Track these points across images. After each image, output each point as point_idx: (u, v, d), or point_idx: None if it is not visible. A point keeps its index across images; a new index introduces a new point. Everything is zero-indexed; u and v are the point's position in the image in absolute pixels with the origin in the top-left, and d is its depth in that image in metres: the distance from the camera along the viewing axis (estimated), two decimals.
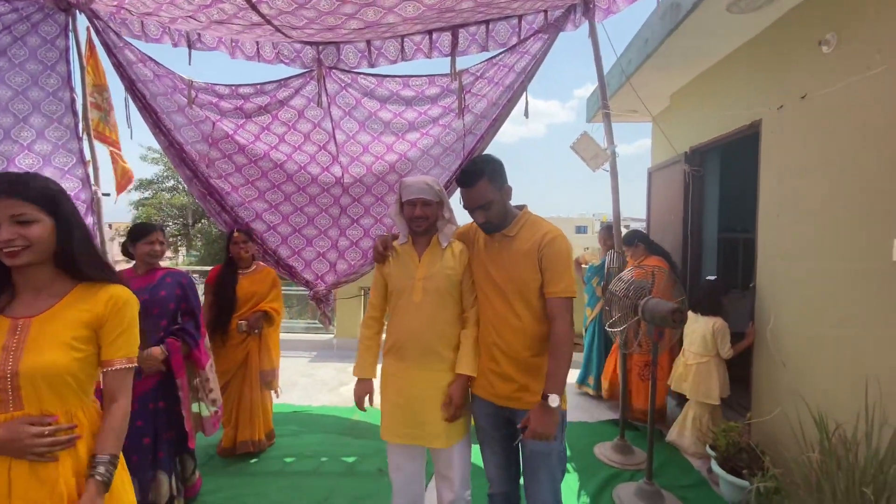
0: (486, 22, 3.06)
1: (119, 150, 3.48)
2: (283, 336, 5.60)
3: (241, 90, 3.10)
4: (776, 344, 2.56)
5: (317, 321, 5.92)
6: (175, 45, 3.08)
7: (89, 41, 3.23)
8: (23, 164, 3.00)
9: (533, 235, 1.59)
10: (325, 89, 3.12)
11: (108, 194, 3.71)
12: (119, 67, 3.17)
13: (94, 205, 3.35)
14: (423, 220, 1.71)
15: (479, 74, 3.13)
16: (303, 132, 3.20)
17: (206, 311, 2.67)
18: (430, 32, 3.08)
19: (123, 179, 3.46)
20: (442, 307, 1.70)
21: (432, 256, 1.74)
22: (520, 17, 3.07)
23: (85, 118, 3.31)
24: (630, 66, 3.73)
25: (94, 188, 3.36)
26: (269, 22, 2.51)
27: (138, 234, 2.17)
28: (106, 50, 3.17)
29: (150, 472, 2.07)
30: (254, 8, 2.29)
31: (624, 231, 3.98)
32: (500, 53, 3.09)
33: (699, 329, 2.81)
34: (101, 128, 3.46)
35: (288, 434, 3.16)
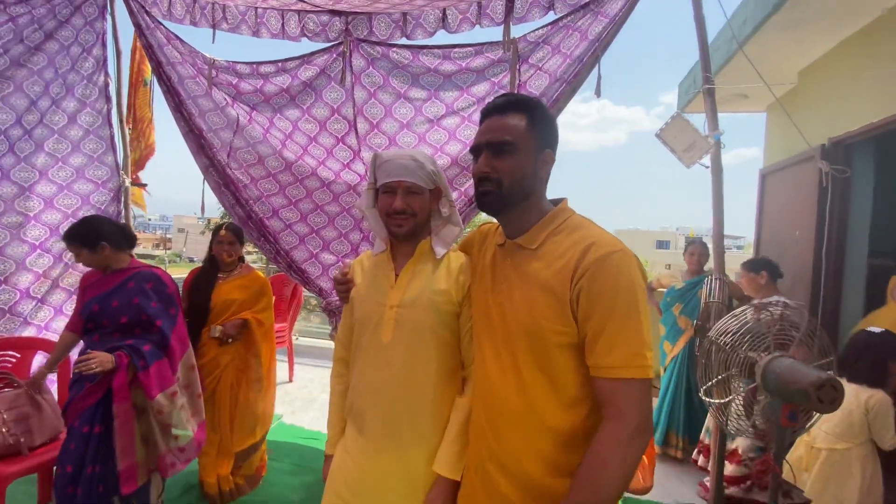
0: None
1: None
2: (305, 342, 5.20)
3: (262, 69, 2.76)
4: None
5: None
6: (196, 24, 2.82)
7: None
8: (51, 148, 2.91)
9: (567, 250, 0.91)
10: (350, 66, 2.65)
11: (145, 185, 3.63)
12: (149, 49, 2.98)
13: (122, 193, 3.23)
14: (405, 216, 1.11)
15: (539, 41, 2.47)
16: (318, 119, 2.76)
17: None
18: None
19: (147, 151, 3.30)
20: (422, 353, 1.10)
21: (415, 272, 1.15)
22: None
23: (119, 103, 3.22)
24: (744, 28, 2.83)
25: (122, 176, 3.25)
26: None
27: None
28: (138, 31, 3.00)
29: None
30: None
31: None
32: (570, 14, 2.42)
33: (844, 401, 1.88)
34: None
35: (281, 471, 2.69)
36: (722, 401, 1.55)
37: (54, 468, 1.80)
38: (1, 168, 2.67)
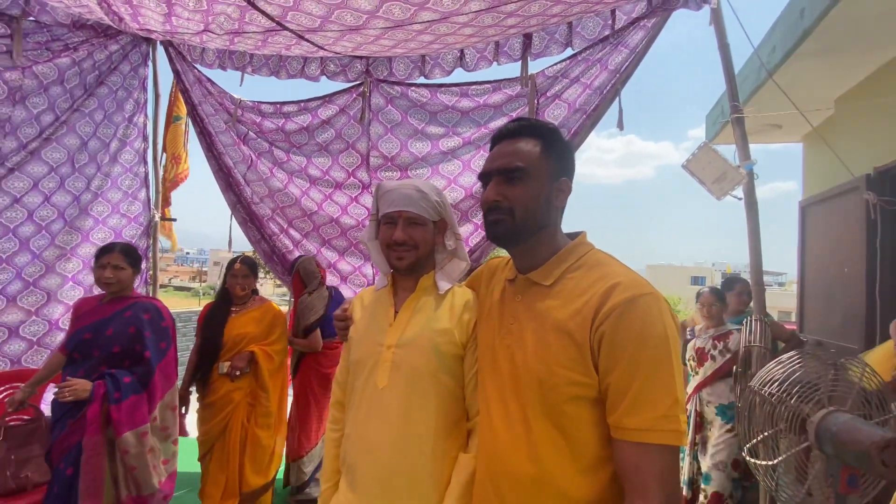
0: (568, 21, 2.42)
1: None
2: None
3: (284, 108, 2.86)
4: None
5: None
6: (224, 69, 2.98)
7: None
8: (95, 186, 3.05)
9: (587, 288, 0.81)
10: (370, 104, 2.71)
11: (174, 219, 3.76)
12: (185, 93, 3.16)
13: (152, 228, 3.35)
14: (406, 248, 1.04)
15: (558, 74, 2.46)
16: (333, 153, 2.80)
17: (192, 357, 2.28)
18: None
19: (171, 184, 3.42)
20: (421, 401, 0.99)
21: (416, 309, 1.06)
22: (613, 11, 2.37)
23: (154, 143, 3.39)
24: (774, 56, 2.74)
25: (152, 211, 3.37)
26: (281, 25, 2.18)
27: (95, 257, 1.90)
28: (176, 76, 3.19)
29: None
30: (253, 5, 1.96)
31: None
32: (589, 48, 2.40)
33: None
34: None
35: None
36: (770, 462, 1.36)
37: None
38: (56, 206, 2.81)
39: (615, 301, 0.77)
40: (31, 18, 2.42)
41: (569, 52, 2.46)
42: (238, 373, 2.21)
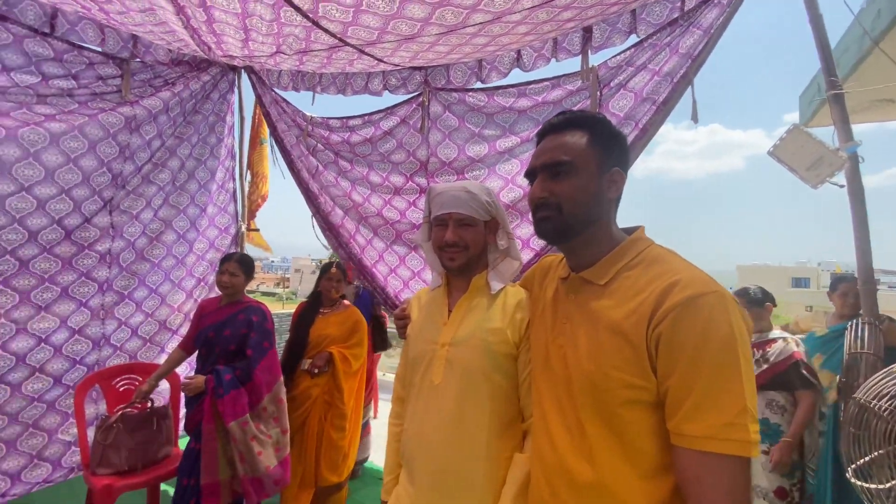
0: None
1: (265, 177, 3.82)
2: (390, 379, 5.16)
3: (350, 122, 3.02)
4: None
5: None
6: (297, 90, 3.23)
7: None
8: (200, 201, 3.45)
9: (644, 287, 0.77)
10: (428, 113, 2.77)
11: (257, 229, 4.12)
12: (266, 114, 3.46)
13: (239, 238, 3.71)
14: (457, 248, 1.07)
15: (622, 63, 2.33)
16: (394, 162, 2.90)
17: (283, 352, 2.46)
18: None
19: (261, 200, 3.76)
20: (474, 398, 1.00)
21: (469, 308, 1.08)
22: None
23: (240, 161, 3.75)
24: (879, 22, 2.37)
25: (240, 223, 3.73)
26: (343, 41, 2.31)
27: (219, 263, 2.25)
28: (258, 100, 3.52)
29: None
30: (316, 24, 2.10)
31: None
32: (655, 33, 2.26)
33: None
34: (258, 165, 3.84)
35: None
36: (882, 486, 1.17)
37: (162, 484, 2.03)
38: (164, 220, 3.22)
39: (674, 300, 0.71)
40: (138, 59, 2.79)
41: (633, 40, 2.33)
42: (317, 370, 2.35)
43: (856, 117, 1.93)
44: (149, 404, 2.27)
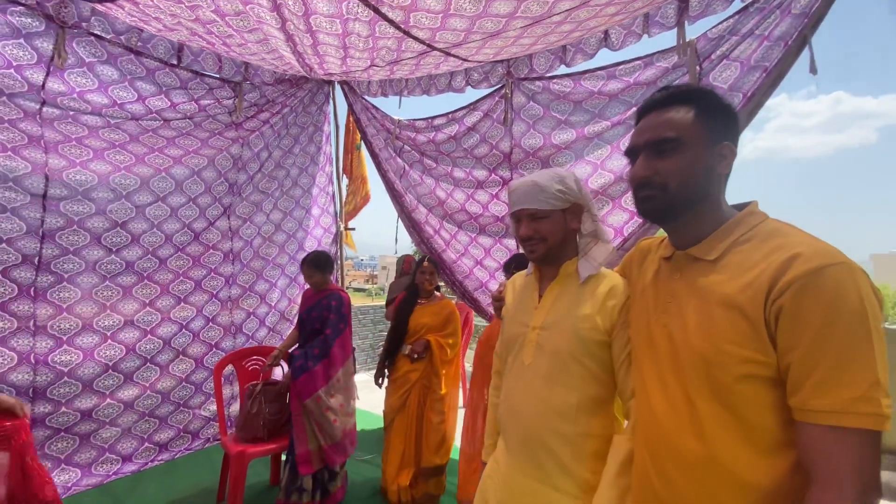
0: None
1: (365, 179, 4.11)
2: None
3: (435, 121, 3.12)
4: None
5: None
6: (386, 96, 3.41)
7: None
8: (304, 204, 3.83)
9: (761, 260, 0.73)
10: (512, 105, 2.76)
11: (353, 229, 4.44)
12: (358, 122, 3.72)
13: (338, 237, 4.03)
14: (534, 241, 1.10)
15: (725, 33, 2.13)
16: (478, 156, 2.92)
17: (386, 339, 2.68)
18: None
19: (362, 201, 4.05)
20: (562, 380, 1.04)
21: (559, 294, 1.11)
22: None
23: (337, 167, 4.06)
24: None
25: (339, 223, 4.05)
26: (431, 46, 2.38)
27: None
28: (350, 108, 3.79)
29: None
30: (407, 34, 2.18)
31: None
32: None
33: None
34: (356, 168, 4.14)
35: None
36: None
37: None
38: (275, 223, 3.64)
39: (796, 272, 0.67)
40: (248, 82, 3.15)
41: (736, 5, 2.11)
42: (416, 356, 2.53)
43: None
44: (282, 378, 2.61)
